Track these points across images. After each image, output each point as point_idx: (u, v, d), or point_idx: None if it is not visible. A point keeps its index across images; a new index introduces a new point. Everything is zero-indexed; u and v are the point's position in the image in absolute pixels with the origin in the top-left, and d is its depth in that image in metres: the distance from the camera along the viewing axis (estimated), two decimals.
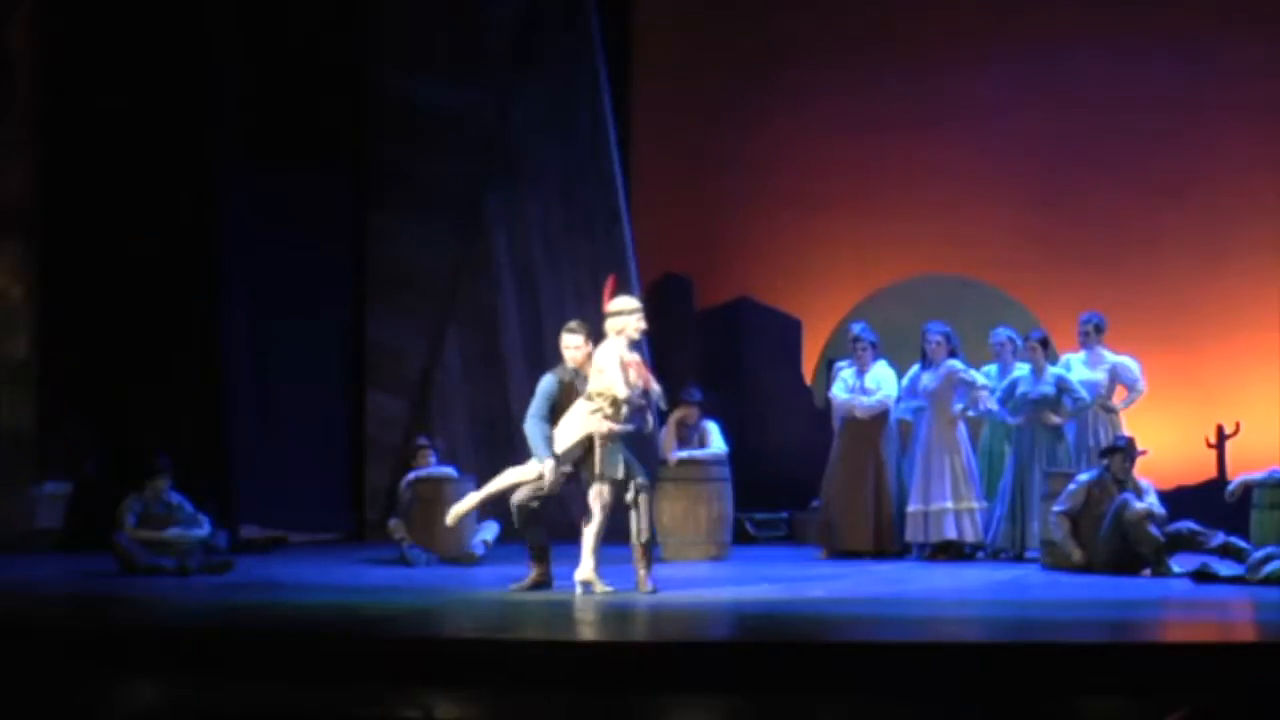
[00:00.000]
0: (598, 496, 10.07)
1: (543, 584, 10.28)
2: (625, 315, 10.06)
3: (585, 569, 10.08)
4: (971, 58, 15.50)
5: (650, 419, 10.23)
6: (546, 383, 10.30)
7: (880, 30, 15.73)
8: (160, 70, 13.97)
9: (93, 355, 13.93)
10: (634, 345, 10.13)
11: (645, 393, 10.06)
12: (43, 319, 13.94)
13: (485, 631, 8.51)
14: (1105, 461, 11.60)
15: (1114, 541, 11.23)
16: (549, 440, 10.14)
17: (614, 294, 10.16)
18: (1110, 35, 15.22)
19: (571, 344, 10.35)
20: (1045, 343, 12.75)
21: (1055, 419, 12.52)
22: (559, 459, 10.06)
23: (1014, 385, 12.66)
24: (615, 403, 9.95)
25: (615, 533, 10.33)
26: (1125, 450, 11.53)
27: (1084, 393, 12.53)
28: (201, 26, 14.20)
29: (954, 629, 8.76)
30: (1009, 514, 12.54)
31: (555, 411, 10.21)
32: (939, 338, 12.84)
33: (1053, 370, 12.63)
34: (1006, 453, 12.81)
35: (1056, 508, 11.51)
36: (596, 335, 10.27)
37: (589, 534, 10.09)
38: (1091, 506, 11.43)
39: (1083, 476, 11.56)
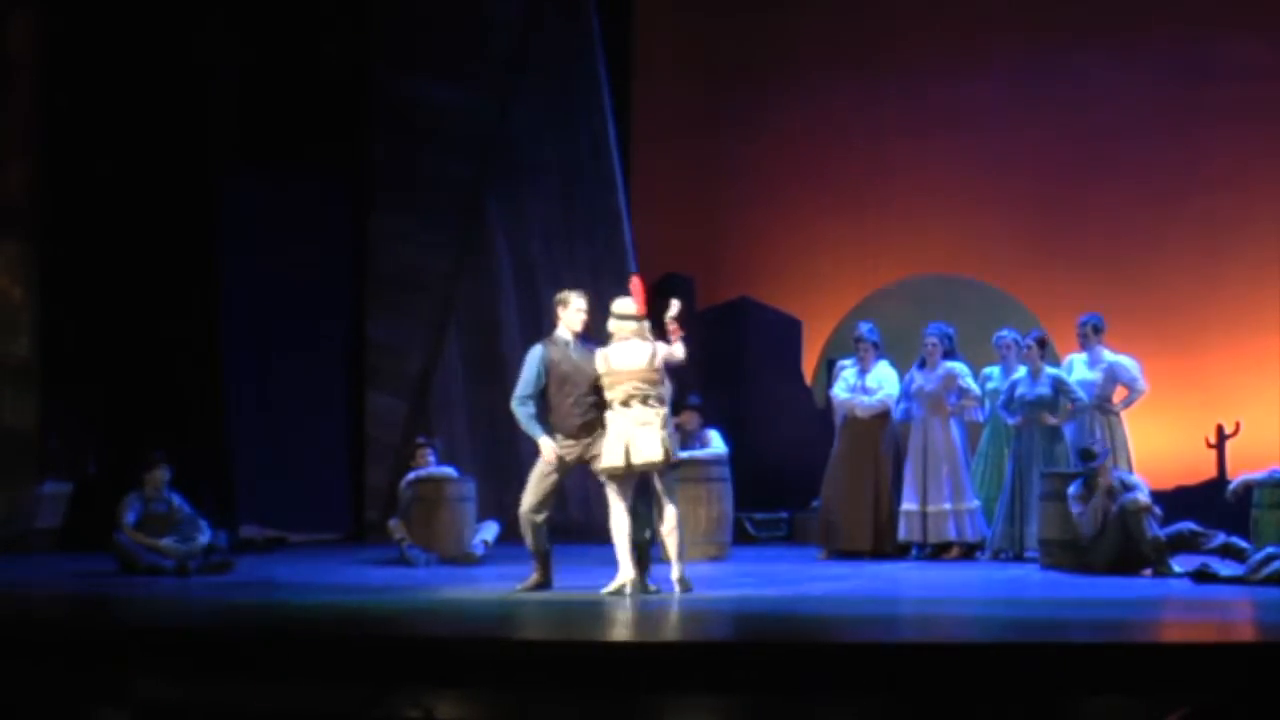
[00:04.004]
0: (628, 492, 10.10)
1: (544, 585, 10.27)
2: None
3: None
4: (972, 60, 15.51)
5: None
6: (536, 357, 10.20)
7: (881, 32, 15.74)
8: (160, 71, 13.98)
9: (93, 355, 13.94)
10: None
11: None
12: (43, 319, 13.95)
13: (485, 631, 8.51)
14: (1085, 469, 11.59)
15: (1114, 541, 11.23)
16: (536, 419, 10.13)
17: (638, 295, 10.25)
18: (1110, 39, 15.23)
19: (583, 307, 10.31)
20: (1043, 343, 12.75)
21: (1052, 420, 12.52)
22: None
23: (1013, 387, 12.67)
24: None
25: (609, 533, 10.31)
26: (1085, 464, 11.49)
27: (1081, 393, 12.53)
28: (201, 27, 14.21)
29: (954, 629, 8.75)
30: (1008, 514, 12.55)
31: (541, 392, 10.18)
32: (934, 339, 12.85)
33: (1050, 371, 12.63)
34: (1006, 454, 12.81)
35: (1075, 509, 11.44)
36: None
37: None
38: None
39: (1070, 489, 11.49)
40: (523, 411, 10.16)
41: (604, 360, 10.01)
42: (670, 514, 10.09)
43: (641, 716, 7.30)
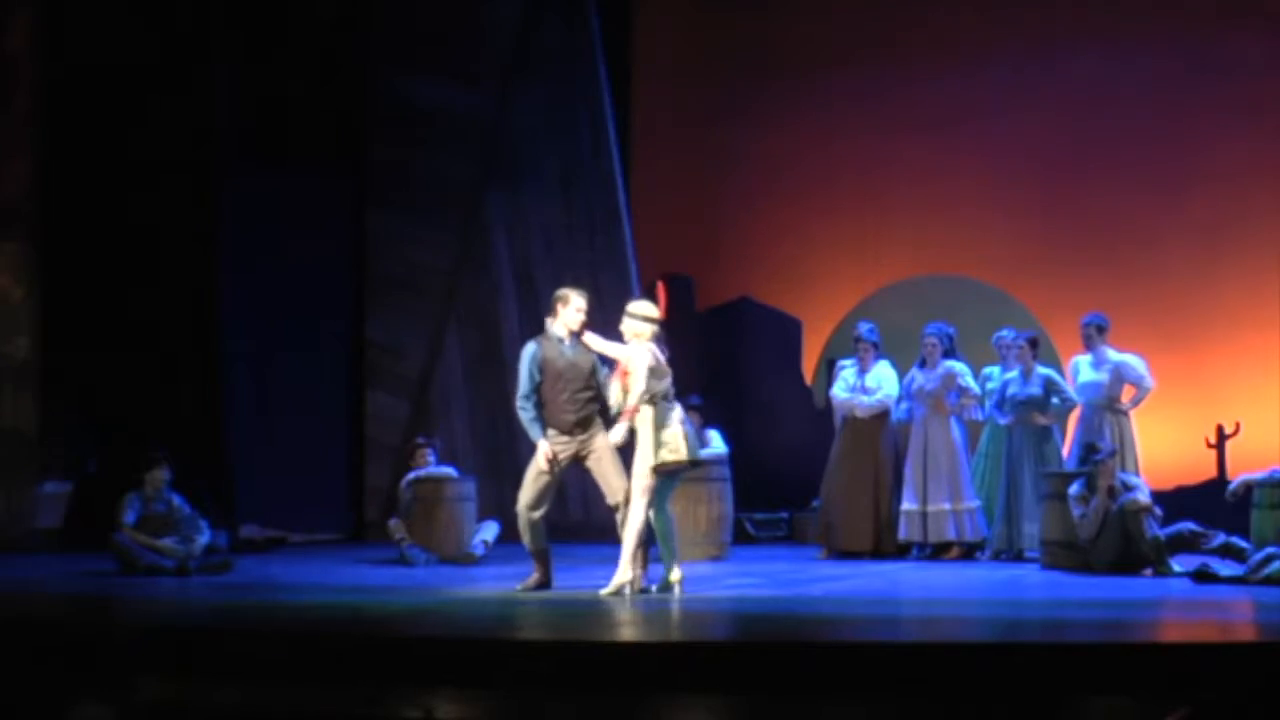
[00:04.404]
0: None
1: (544, 585, 10.27)
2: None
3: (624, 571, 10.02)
4: (972, 59, 15.51)
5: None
6: (528, 355, 10.20)
7: (881, 31, 15.74)
8: (160, 70, 13.98)
9: (93, 355, 13.93)
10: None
11: None
12: (43, 319, 13.94)
13: (485, 631, 8.51)
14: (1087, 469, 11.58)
15: (1114, 541, 11.23)
16: (537, 420, 10.13)
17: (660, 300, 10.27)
18: (1110, 36, 15.23)
19: (583, 306, 10.29)
20: (1034, 343, 12.76)
21: (1043, 420, 12.54)
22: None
23: (1005, 386, 12.68)
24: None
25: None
26: (1088, 458, 11.49)
27: (1072, 393, 12.56)
28: (202, 27, 14.20)
29: (954, 629, 8.75)
30: (1004, 514, 12.57)
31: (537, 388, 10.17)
32: (933, 339, 12.86)
33: (1041, 371, 12.65)
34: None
35: (1076, 511, 11.43)
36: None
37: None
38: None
39: (1072, 489, 11.48)
40: (524, 415, 10.18)
41: (654, 355, 10.03)
42: (673, 515, 10.14)
43: (641, 716, 7.30)
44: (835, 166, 15.87)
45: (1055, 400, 12.56)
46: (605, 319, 10.26)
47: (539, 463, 10.14)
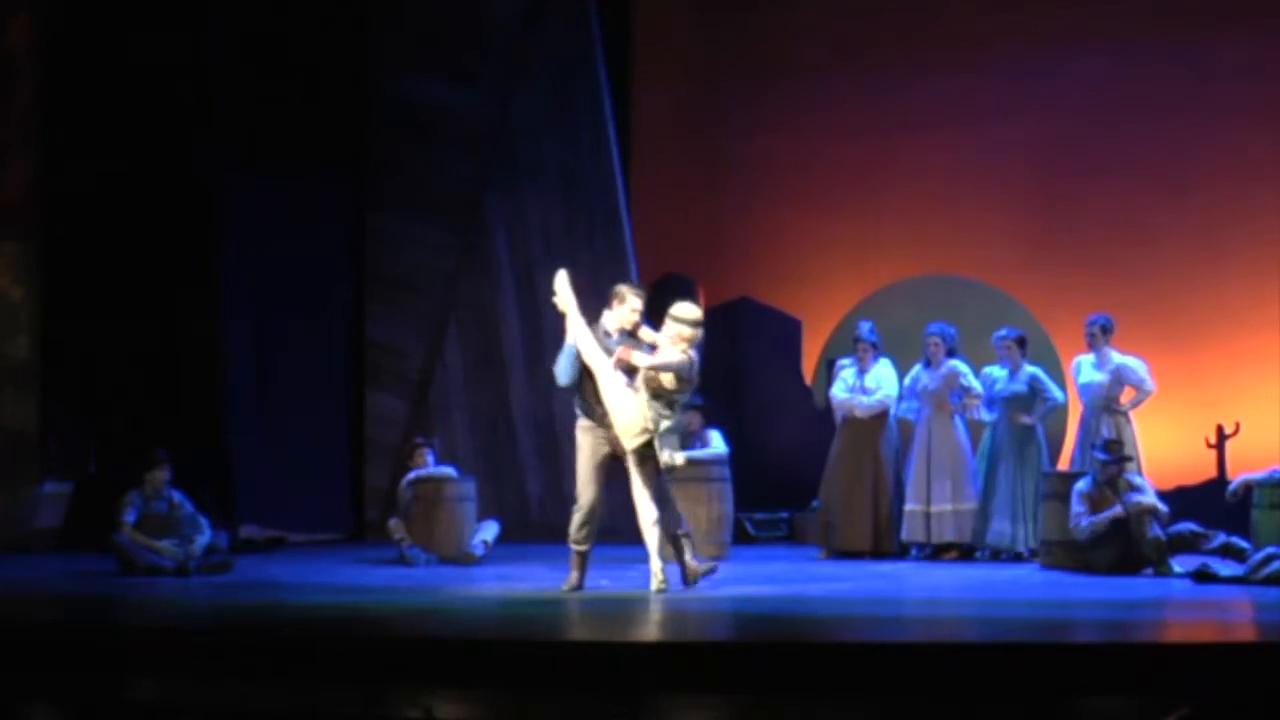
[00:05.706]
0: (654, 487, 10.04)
1: (578, 588, 10.22)
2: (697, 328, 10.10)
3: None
4: (972, 58, 15.49)
5: None
6: (568, 351, 10.26)
7: (881, 31, 15.72)
8: (160, 70, 13.98)
9: (93, 355, 13.94)
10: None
11: None
12: (43, 319, 13.95)
13: (485, 631, 8.51)
14: (1095, 467, 11.58)
15: (1115, 541, 11.23)
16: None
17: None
18: (1110, 36, 15.21)
19: (639, 307, 10.27)
20: (1021, 342, 12.77)
21: (1026, 419, 12.54)
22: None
23: (993, 384, 12.69)
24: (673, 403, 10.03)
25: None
26: (1107, 460, 11.49)
27: (1055, 394, 12.56)
28: (201, 26, 14.21)
29: (954, 629, 8.76)
30: (980, 510, 12.58)
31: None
32: (936, 338, 12.87)
33: (1028, 370, 12.66)
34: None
35: (1076, 508, 11.43)
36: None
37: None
38: (1094, 510, 11.40)
39: (1080, 485, 11.49)
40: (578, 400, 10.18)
41: (691, 364, 10.02)
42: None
43: (642, 716, 7.30)
44: (836, 166, 15.86)
45: (1039, 400, 12.57)
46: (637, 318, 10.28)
47: (585, 454, 10.10)
